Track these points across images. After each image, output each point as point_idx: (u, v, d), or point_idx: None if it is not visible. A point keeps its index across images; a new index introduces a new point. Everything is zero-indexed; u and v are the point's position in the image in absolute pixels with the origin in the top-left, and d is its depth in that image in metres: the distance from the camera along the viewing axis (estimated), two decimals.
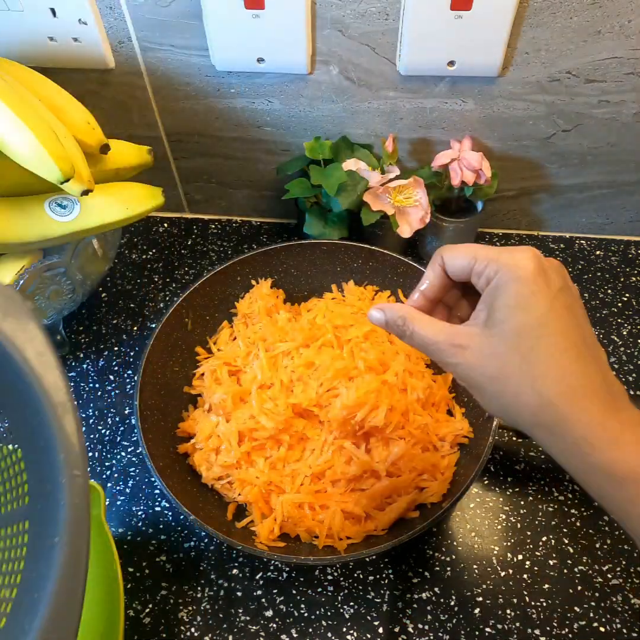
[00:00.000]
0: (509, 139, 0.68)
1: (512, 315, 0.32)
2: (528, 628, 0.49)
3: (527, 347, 0.32)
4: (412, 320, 0.35)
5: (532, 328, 0.32)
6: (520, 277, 0.32)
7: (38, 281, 0.56)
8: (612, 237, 0.79)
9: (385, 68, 0.63)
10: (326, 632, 0.50)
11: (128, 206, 0.56)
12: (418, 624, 0.50)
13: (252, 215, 0.83)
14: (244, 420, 0.54)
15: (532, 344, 0.32)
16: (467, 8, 0.56)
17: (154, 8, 0.60)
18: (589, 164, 0.70)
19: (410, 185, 0.64)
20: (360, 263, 0.66)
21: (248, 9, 0.58)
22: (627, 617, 0.50)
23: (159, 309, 0.73)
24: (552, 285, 0.32)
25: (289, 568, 0.53)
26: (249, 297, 0.66)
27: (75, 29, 0.61)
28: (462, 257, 0.35)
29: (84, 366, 0.68)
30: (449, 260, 0.36)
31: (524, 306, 0.32)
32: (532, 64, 0.61)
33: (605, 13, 0.56)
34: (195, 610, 0.51)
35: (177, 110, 0.70)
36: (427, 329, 0.35)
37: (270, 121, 0.70)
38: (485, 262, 0.34)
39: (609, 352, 0.67)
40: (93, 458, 0.60)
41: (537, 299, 0.32)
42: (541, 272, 0.32)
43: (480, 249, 0.34)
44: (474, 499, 0.56)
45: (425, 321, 0.35)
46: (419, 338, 0.35)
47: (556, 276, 0.33)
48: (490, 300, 0.33)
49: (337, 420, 0.53)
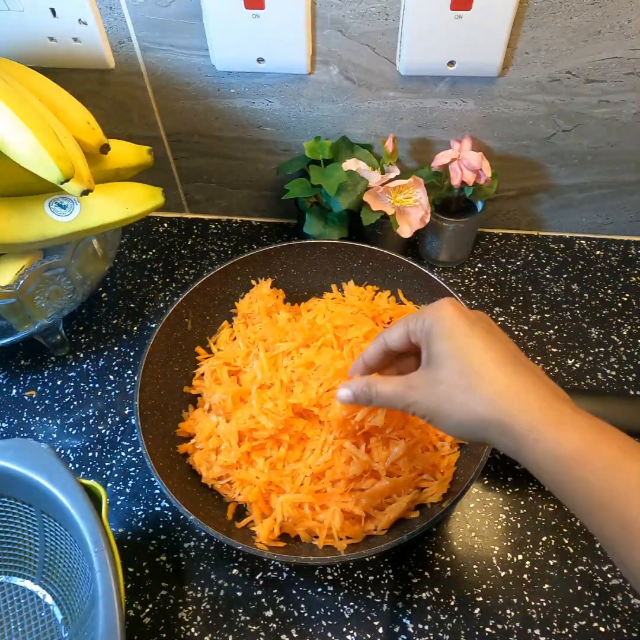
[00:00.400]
0: (509, 139, 0.69)
1: (442, 346, 0.38)
2: (528, 628, 0.49)
3: (460, 365, 0.37)
4: (375, 382, 0.42)
5: (459, 348, 0.37)
6: (442, 316, 0.39)
7: (38, 281, 0.56)
8: (612, 237, 0.79)
9: (385, 68, 0.63)
10: (326, 632, 0.50)
11: (128, 206, 0.56)
12: (418, 624, 0.50)
13: (252, 215, 0.83)
14: (244, 420, 0.54)
15: (463, 361, 0.37)
16: (467, 8, 0.56)
17: (154, 8, 0.60)
18: (589, 164, 0.70)
19: (410, 185, 0.64)
20: (360, 263, 0.66)
21: (248, 9, 0.58)
22: (627, 617, 0.50)
23: (159, 309, 0.73)
24: (469, 317, 0.38)
25: (289, 568, 0.53)
26: (249, 297, 0.66)
27: (75, 29, 0.61)
28: (396, 329, 0.42)
29: (84, 366, 0.68)
30: (388, 337, 0.43)
31: (448, 335, 0.38)
32: (532, 64, 0.61)
33: (605, 13, 0.56)
34: (195, 610, 0.51)
35: (177, 110, 0.70)
36: (387, 385, 0.41)
37: (270, 121, 0.70)
38: (414, 321, 0.40)
39: (609, 352, 0.67)
40: (93, 458, 0.60)
41: (458, 326, 0.38)
42: (458, 310, 0.39)
43: (407, 318, 0.42)
44: (474, 499, 0.56)
45: (383, 379, 0.42)
46: (383, 394, 0.41)
47: (472, 313, 0.39)
48: (426, 344, 0.39)
49: (337, 420, 0.53)
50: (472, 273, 0.75)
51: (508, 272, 0.75)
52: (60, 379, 0.67)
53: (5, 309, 0.57)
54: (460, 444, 0.55)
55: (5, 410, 0.64)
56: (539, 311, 0.71)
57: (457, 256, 0.75)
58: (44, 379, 0.67)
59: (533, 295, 0.73)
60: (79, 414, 0.64)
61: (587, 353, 0.67)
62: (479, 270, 0.75)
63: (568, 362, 0.66)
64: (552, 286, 0.74)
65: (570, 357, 0.67)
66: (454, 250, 0.74)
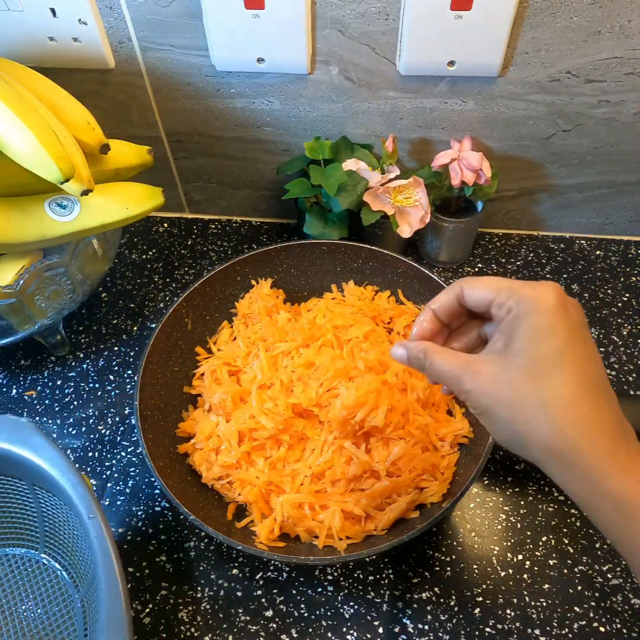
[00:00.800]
0: (509, 139, 0.68)
1: (530, 344, 0.33)
2: (528, 628, 0.49)
3: (542, 375, 0.32)
4: (432, 352, 0.37)
5: (548, 357, 0.32)
6: (541, 309, 0.33)
7: (38, 281, 0.56)
8: (612, 237, 0.79)
9: (385, 68, 0.63)
10: (326, 632, 0.50)
11: (128, 206, 0.56)
12: (418, 624, 0.50)
13: (252, 215, 0.83)
14: (244, 420, 0.54)
15: (547, 372, 0.32)
16: (467, 8, 0.56)
17: (154, 8, 0.60)
18: (589, 164, 0.70)
19: (410, 185, 0.64)
20: (360, 263, 0.66)
21: (248, 9, 0.58)
22: (627, 617, 0.50)
23: (159, 309, 0.73)
24: (571, 319, 0.33)
25: (289, 568, 0.53)
26: (249, 297, 0.66)
27: (75, 29, 0.61)
28: (485, 289, 0.36)
29: (84, 366, 0.68)
30: (469, 290, 0.37)
31: (542, 336, 0.33)
32: (532, 64, 0.61)
33: (605, 13, 0.56)
34: (195, 610, 0.51)
35: (177, 110, 0.70)
36: (445, 358, 0.36)
37: (270, 121, 0.70)
38: (508, 294, 0.34)
39: (609, 352, 0.67)
40: (93, 458, 0.60)
41: (556, 329, 0.33)
42: (562, 306, 0.33)
43: (502, 281, 0.35)
44: (474, 499, 0.56)
45: (443, 351, 0.37)
46: (437, 367, 0.36)
47: (575, 312, 0.34)
48: (509, 330, 0.34)
49: (337, 420, 0.53)
50: (472, 273, 0.75)
51: (508, 272, 0.75)
52: (60, 379, 0.67)
53: (5, 309, 0.57)
54: (460, 444, 0.55)
55: (5, 410, 0.64)
56: None
57: (457, 256, 0.75)
58: (44, 379, 0.67)
59: None
60: (79, 414, 0.64)
61: None
62: (479, 270, 0.75)
63: None
64: None
65: None
66: (454, 250, 0.74)
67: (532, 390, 0.32)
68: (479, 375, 0.34)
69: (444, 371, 0.36)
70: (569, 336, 0.33)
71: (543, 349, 0.33)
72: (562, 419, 0.32)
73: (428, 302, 0.40)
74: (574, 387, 0.32)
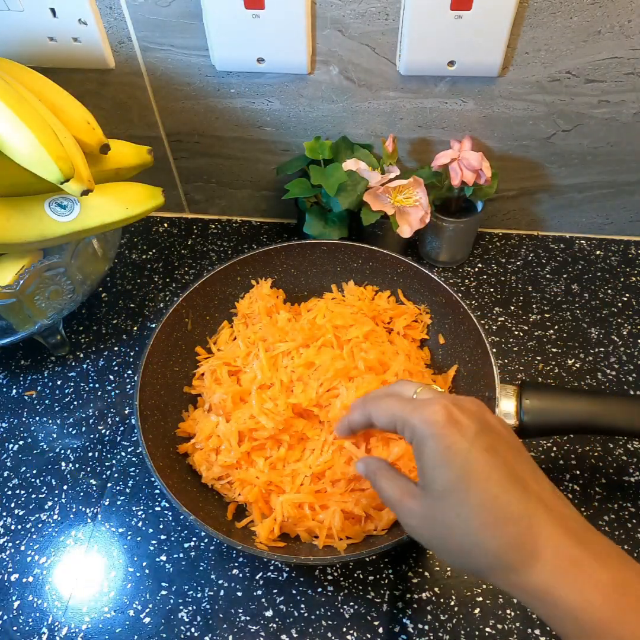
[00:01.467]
0: (509, 139, 0.69)
1: (436, 475, 0.33)
2: (528, 628, 0.49)
3: (459, 503, 0.32)
4: (380, 477, 0.39)
5: (456, 483, 0.32)
6: (432, 434, 0.33)
7: (38, 281, 0.56)
8: (612, 237, 0.79)
9: (385, 68, 0.63)
10: (326, 632, 0.50)
11: (128, 206, 0.56)
12: (418, 624, 0.50)
13: (252, 215, 0.83)
14: (244, 420, 0.54)
15: (462, 497, 0.32)
16: (467, 8, 0.56)
17: (154, 8, 0.60)
18: (589, 164, 0.70)
19: (410, 185, 0.64)
20: (360, 263, 0.66)
21: (248, 9, 0.58)
22: None
23: (159, 309, 0.73)
24: (466, 433, 0.33)
25: (289, 568, 0.53)
26: (249, 297, 0.66)
27: (75, 29, 0.61)
28: (385, 418, 0.38)
29: (84, 366, 0.68)
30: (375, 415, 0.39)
31: (442, 463, 0.33)
32: (532, 64, 0.61)
33: (605, 13, 0.56)
34: (195, 610, 0.51)
35: (177, 110, 0.70)
36: (387, 487, 0.38)
37: (270, 121, 0.70)
38: (402, 424, 0.36)
39: (609, 352, 0.67)
40: (93, 458, 0.60)
41: (453, 452, 0.32)
42: (452, 423, 0.33)
43: (396, 407, 0.36)
44: None
45: (388, 478, 0.38)
46: (381, 491, 0.39)
47: (470, 421, 0.33)
48: (418, 458, 0.35)
49: (337, 420, 0.53)
50: (472, 273, 0.75)
51: (508, 272, 0.75)
52: (60, 379, 0.67)
53: (5, 309, 0.57)
54: None
55: (5, 410, 0.64)
56: (539, 311, 0.71)
57: (457, 256, 0.75)
58: (44, 379, 0.67)
59: (533, 295, 0.73)
60: (79, 414, 0.64)
61: (587, 353, 0.67)
62: (479, 270, 0.76)
63: (568, 362, 0.66)
64: (552, 286, 0.74)
65: (570, 357, 0.67)
66: (454, 250, 0.74)
67: (456, 522, 0.32)
68: (412, 514, 0.35)
69: (385, 497, 0.38)
70: (468, 453, 0.32)
71: (448, 476, 0.32)
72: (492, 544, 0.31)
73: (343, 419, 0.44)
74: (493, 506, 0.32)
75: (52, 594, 0.52)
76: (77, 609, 0.51)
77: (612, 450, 0.59)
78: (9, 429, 0.63)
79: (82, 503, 0.57)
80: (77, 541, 0.55)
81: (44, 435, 0.62)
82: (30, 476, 0.59)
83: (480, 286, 0.74)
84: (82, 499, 0.58)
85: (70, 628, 0.50)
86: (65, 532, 0.56)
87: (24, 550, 0.55)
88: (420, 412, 0.34)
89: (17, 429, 0.63)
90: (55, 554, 0.55)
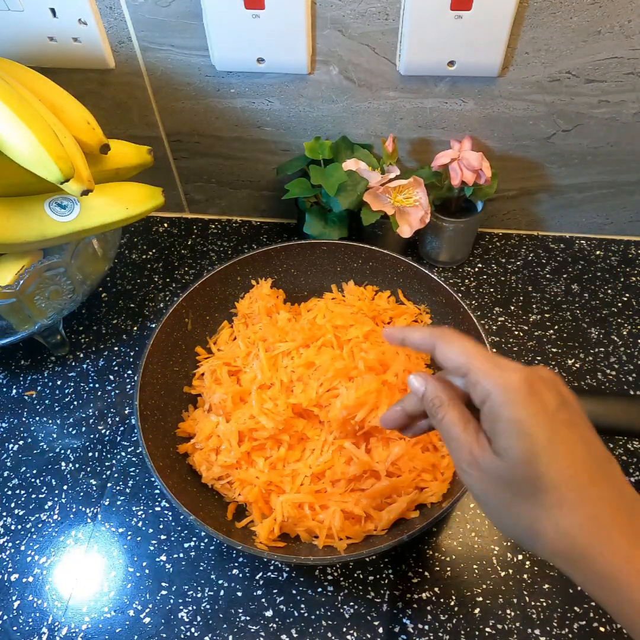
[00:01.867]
0: (509, 139, 0.68)
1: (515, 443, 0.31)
2: (528, 628, 0.49)
3: (537, 476, 0.30)
4: (449, 407, 0.34)
5: (538, 455, 0.30)
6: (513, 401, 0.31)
7: (38, 281, 0.56)
8: (612, 237, 0.79)
9: (385, 68, 0.63)
10: (326, 632, 0.50)
11: (128, 206, 0.56)
12: (418, 624, 0.50)
13: (252, 215, 0.83)
14: (244, 420, 0.54)
15: (542, 471, 0.30)
16: (467, 8, 0.56)
17: (154, 8, 0.60)
18: (589, 164, 0.70)
19: (410, 185, 0.64)
20: (360, 263, 0.66)
21: (248, 9, 0.58)
22: None
23: (159, 309, 0.73)
24: (549, 406, 0.31)
25: (289, 568, 0.53)
26: (249, 297, 0.66)
27: (75, 29, 0.61)
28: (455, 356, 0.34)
29: (84, 366, 0.68)
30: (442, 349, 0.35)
31: (524, 433, 0.31)
32: (532, 64, 0.61)
33: (605, 13, 0.56)
34: (195, 610, 0.51)
35: (177, 110, 0.70)
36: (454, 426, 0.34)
37: (270, 121, 0.70)
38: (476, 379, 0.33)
39: (609, 352, 0.67)
40: (93, 458, 0.60)
41: (537, 422, 0.31)
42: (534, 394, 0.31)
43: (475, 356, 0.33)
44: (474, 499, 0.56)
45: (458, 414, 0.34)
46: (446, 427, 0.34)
47: (550, 393, 0.32)
48: (490, 424, 0.32)
49: (337, 420, 0.53)
50: (472, 273, 0.75)
51: (508, 272, 0.75)
52: (60, 379, 0.67)
53: (5, 309, 0.57)
54: None
55: (5, 410, 0.64)
56: (539, 311, 0.71)
57: (457, 256, 0.75)
58: (44, 379, 0.67)
59: (533, 295, 0.73)
60: (79, 414, 0.64)
61: (587, 353, 0.67)
62: (479, 270, 0.75)
63: (568, 362, 0.66)
64: (552, 286, 0.74)
65: (570, 357, 0.67)
66: (454, 250, 0.74)
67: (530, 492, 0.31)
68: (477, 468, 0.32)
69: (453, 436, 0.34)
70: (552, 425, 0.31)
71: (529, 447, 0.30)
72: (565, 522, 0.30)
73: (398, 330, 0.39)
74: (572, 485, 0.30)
75: (52, 594, 0.52)
76: (77, 609, 0.51)
77: (612, 450, 0.59)
78: (9, 429, 0.63)
79: (82, 503, 0.57)
80: (77, 541, 0.55)
81: (44, 435, 0.62)
82: (30, 476, 0.59)
83: (480, 286, 0.74)
84: (82, 499, 0.58)
85: (70, 628, 0.50)
86: (65, 532, 0.56)
87: (24, 550, 0.55)
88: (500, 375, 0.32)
89: (17, 429, 0.63)
90: (55, 554, 0.55)
